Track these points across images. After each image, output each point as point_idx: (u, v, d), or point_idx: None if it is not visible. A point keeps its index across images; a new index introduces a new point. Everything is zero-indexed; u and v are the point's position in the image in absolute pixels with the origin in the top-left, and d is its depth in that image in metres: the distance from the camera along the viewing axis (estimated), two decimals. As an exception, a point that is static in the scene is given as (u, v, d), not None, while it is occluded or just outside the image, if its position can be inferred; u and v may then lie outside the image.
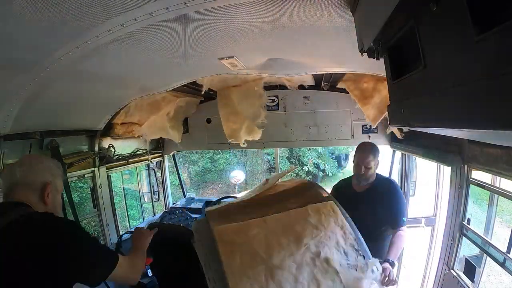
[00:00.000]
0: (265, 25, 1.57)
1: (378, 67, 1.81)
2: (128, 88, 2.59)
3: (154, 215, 4.13)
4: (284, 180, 2.65)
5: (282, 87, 3.75)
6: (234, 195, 4.82)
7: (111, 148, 3.25)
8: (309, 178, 13.24)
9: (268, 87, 3.65)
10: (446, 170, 2.91)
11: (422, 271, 3.24)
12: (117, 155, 3.37)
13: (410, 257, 3.51)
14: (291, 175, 13.29)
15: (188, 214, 3.95)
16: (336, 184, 2.91)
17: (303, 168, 12.93)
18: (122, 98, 2.77)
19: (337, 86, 3.38)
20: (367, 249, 2.01)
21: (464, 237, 2.35)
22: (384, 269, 1.99)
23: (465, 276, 2.32)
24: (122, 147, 3.52)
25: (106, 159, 3.19)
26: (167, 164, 4.50)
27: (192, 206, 4.24)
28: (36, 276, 1.18)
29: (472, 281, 2.27)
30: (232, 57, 2.11)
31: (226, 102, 3.57)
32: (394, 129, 3.31)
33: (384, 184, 2.56)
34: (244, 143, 3.66)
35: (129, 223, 4.40)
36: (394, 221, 2.43)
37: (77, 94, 2.30)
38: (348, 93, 3.29)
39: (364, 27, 1.24)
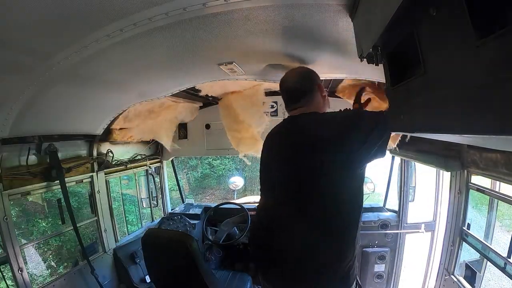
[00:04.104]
0: (264, 31, 1.57)
1: (377, 72, 1.82)
2: (127, 93, 2.59)
3: (153, 220, 4.11)
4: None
5: None
6: (233, 201, 4.81)
7: (110, 153, 3.24)
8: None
9: (268, 93, 3.66)
10: (446, 175, 2.91)
11: (422, 277, 3.22)
12: (115, 160, 3.36)
13: (410, 262, 3.50)
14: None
15: (186, 220, 3.93)
16: None
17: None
18: (121, 103, 2.77)
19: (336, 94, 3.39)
20: None
21: (464, 242, 2.35)
22: None
23: (466, 281, 2.31)
24: (121, 152, 3.51)
25: (105, 164, 3.18)
26: (166, 170, 4.48)
27: (191, 212, 4.23)
28: None
29: (473, 286, 2.26)
30: (231, 63, 2.12)
31: (228, 112, 3.60)
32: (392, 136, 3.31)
33: None
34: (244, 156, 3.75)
35: (127, 229, 4.38)
36: None
37: (76, 99, 2.30)
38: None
39: (363, 33, 1.24)
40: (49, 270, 6.99)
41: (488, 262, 2.17)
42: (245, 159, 3.86)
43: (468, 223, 2.33)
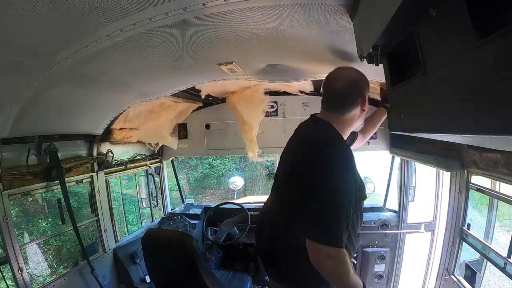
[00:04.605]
0: (265, 31, 1.57)
1: (377, 72, 1.82)
2: (127, 93, 2.59)
3: (153, 220, 4.11)
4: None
5: (281, 92, 3.76)
6: (233, 201, 4.81)
7: (110, 153, 3.24)
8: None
9: (267, 93, 3.66)
10: (446, 175, 2.91)
11: (422, 277, 3.22)
12: (115, 160, 3.36)
13: (410, 262, 3.50)
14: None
15: (186, 220, 3.93)
16: None
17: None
18: (121, 103, 2.77)
19: None
20: None
21: (464, 242, 2.35)
22: None
23: (466, 281, 2.31)
24: (121, 152, 3.51)
25: (105, 164, 3.18)
26: (166, 170, 4.48)
27: (191, 212, 4.22)
28: None
29: (473, 286, 2.26)
30: (231, 62, 2.11)
31: (235, 113, 3.64)
32: None
33: None
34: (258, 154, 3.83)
35: (127, 229, 4.38)
36: None
37: (76, 99, 2.30)
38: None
39: (363, 33, 1.24)
40: (49, 270, 6.99)
41: (488, 262, 2.17)
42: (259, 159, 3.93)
43: (468, 223, 2.33)
